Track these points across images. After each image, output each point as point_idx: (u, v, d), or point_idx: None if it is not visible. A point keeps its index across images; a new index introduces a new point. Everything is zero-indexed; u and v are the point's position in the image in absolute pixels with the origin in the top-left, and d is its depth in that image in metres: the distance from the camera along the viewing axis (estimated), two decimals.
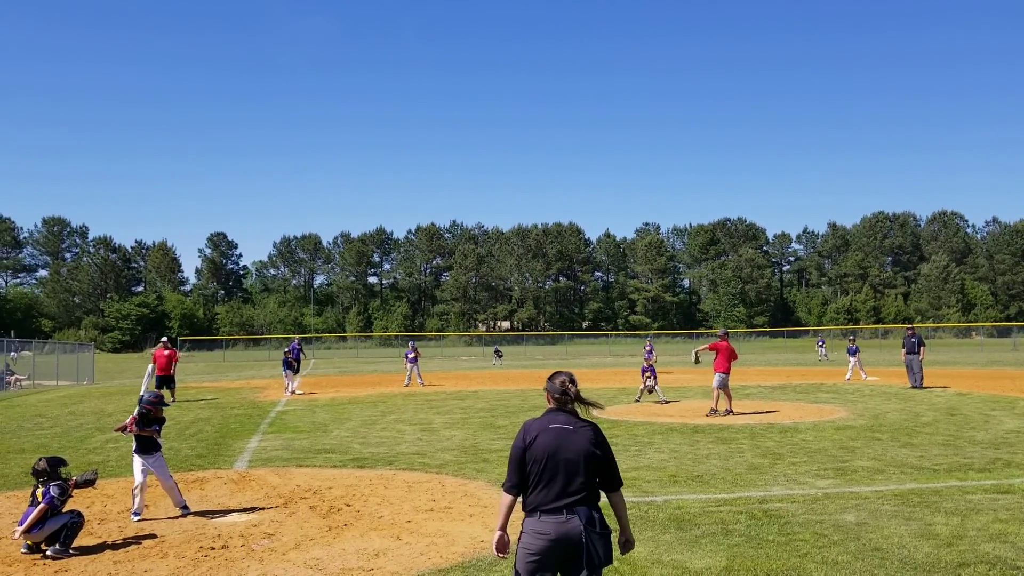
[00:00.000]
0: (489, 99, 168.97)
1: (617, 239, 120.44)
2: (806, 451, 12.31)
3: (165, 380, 22.70)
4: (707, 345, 17.72)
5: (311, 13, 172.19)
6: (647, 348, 36.17)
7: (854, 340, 30.54)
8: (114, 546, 7.51)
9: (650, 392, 20.87)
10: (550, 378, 4.55)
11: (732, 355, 17.46)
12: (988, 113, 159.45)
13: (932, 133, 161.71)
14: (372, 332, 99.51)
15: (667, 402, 20.30)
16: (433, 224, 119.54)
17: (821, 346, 49.87)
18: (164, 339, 24.26)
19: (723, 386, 17.26)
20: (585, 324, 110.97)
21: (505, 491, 4.40)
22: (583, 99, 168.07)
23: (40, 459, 7.84)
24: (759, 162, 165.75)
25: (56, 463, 7.77)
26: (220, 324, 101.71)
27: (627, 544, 4.49)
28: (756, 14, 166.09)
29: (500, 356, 49.16)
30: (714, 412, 17.21)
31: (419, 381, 27.99)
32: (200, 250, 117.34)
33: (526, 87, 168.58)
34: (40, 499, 7.40)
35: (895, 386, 24.39)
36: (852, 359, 28.86)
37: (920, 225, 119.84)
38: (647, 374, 20.95)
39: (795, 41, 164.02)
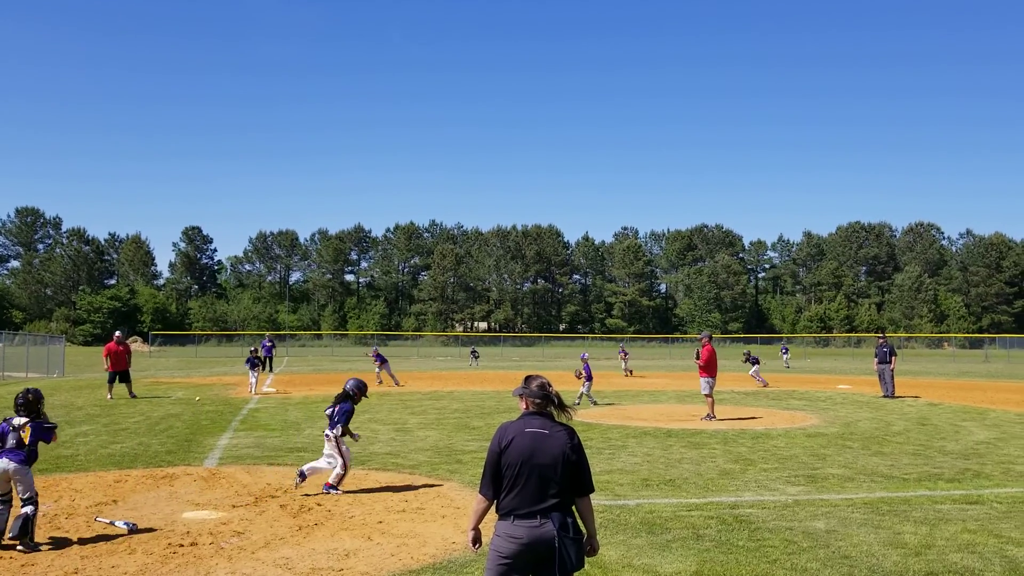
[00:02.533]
0: (471, 100, 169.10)
1: (596, 242, 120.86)
2: (777, 457, 12.38)
3: (120, 375, 22.34)
4: (704, 350, 17.49)
5: (294, 12, 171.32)
6: (620, 353, 36.02)
7: (749, 354, 31.13)
8: (81, 541, 7.41)
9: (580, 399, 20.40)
10: (525, 382, 4.53)
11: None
12: (965, 127, 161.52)
13: (909, 145, 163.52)
14: (347, 331, 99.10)
15: (595, 403, 20.31)
16: (412, 223, 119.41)
17: (785, 353, 49.95)
18: (118, 333, 23.77)
19: (711, 390, 17.33)
20: (562, 327, 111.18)
21: (480, 494, 4.39)
22: (565, 101, 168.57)
23: (29, 391, 7.52)
24: (737, 169, 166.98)
25: (40, 397, 7.56)
26: (193, 319, 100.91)
27: (592, 550, 4.47)
28: (736, 19, 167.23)
29: (476, 357, 49.08)
30: (710, 417, 17.13)
31: (394, 382, 27.76)
32: (174, 244, 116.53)
33: (509, 88, 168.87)
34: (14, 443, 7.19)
35: (867, 395, 24.59)
36: (753, 368, 29.37)
37: (895, 236, 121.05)
38: (581, 376, 20.61)
39: (774, 50, 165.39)
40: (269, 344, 37.93)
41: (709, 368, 17.28)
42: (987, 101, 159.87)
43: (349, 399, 9.92)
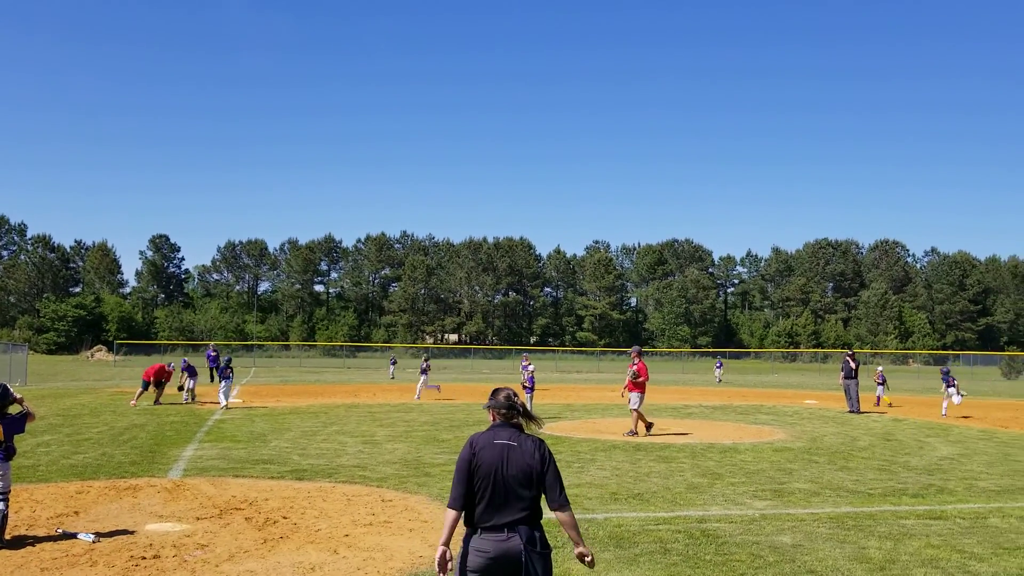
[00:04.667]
0: (443, 111, 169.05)
1: (567, 256, 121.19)
2: (745, 472, 12.45)
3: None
4: (636, 367, 17.23)
5: (265, 23, 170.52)
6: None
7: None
8: (42, 553, 7.27)
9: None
10: (492, 394, 4.52)
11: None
12: (930, 145, 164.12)
13: (875, 162, 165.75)
14: (316, 341, 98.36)
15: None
16: (383, 234, 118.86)
17: (719, 368, 49.94)
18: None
19: (639, 405, 17.20)
20: (533, 339, 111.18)
21: (449, 507, 4.35)
22: (538, 114, 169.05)
23: None
24: (707, 184, 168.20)
25: (5, 392, 7.45)
26: (159, 328, 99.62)
27: (582, 557, 4.38)
28: (705, 33, 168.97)
29: (395, 364, 47.37)
30: (633, 433, 16.96)
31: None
32: (141, 252, 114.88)
33: (481, 101, 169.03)
34: None
35: (833, 410, 24.83)
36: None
37: (861, 253, 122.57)
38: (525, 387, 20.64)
39: (744, 66, 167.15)
40: (213, 354, 36.39)
41: (641, 384, 17.22)
42: (952, 119, 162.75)
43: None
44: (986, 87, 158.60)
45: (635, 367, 17.15)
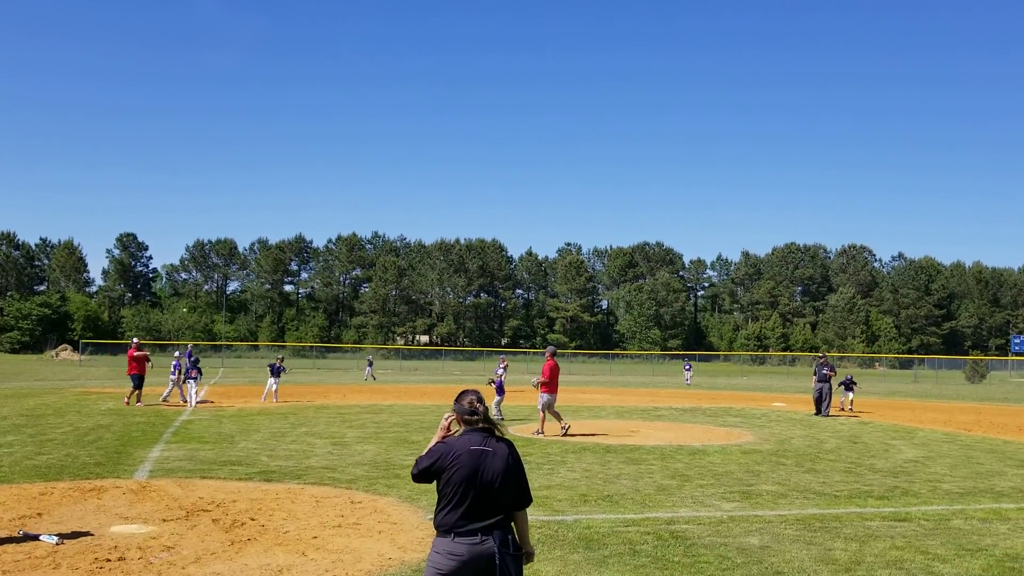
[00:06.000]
0: (415, 113, 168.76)
1: (539, 258, 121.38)
2: (713, 474, 12.54)
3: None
4: (545, 365, 17.59)
5: (235, 23, 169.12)
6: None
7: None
8: (3, 555, 7.15)
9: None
10: (457, 399, 4.50)
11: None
12: (897, 152, 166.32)
13: (843, 167, 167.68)
14: (285, 342, 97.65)
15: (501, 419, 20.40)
16: (355, 234, 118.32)
17: (688, 370, 50.26)
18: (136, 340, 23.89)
19: (550, 406, 17.44)
20: (504, 341, 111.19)
21: (415, 478, 4.36)
22: (510, 117, 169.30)
23: None
24: (679, 188, 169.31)
25: None
26: (126, 328, 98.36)
27: (528, 556, 4.43)
28: (676, 39, 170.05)
29: (371, 364, 47.06)
30: (539, 433, 17.20)
31: (274, 399, 25.44)
32: (108, 250, 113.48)
33: (454, 102, 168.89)
34: None
35: (801, 412, 25.07)
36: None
37: (829, 257, 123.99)
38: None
39: (715, 71, 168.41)
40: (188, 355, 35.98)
41: (550, 384, 17.41)
42: (918, 126, 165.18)
43: None
44: (952, 95, 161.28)
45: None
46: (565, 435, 17.11)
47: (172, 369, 24.36)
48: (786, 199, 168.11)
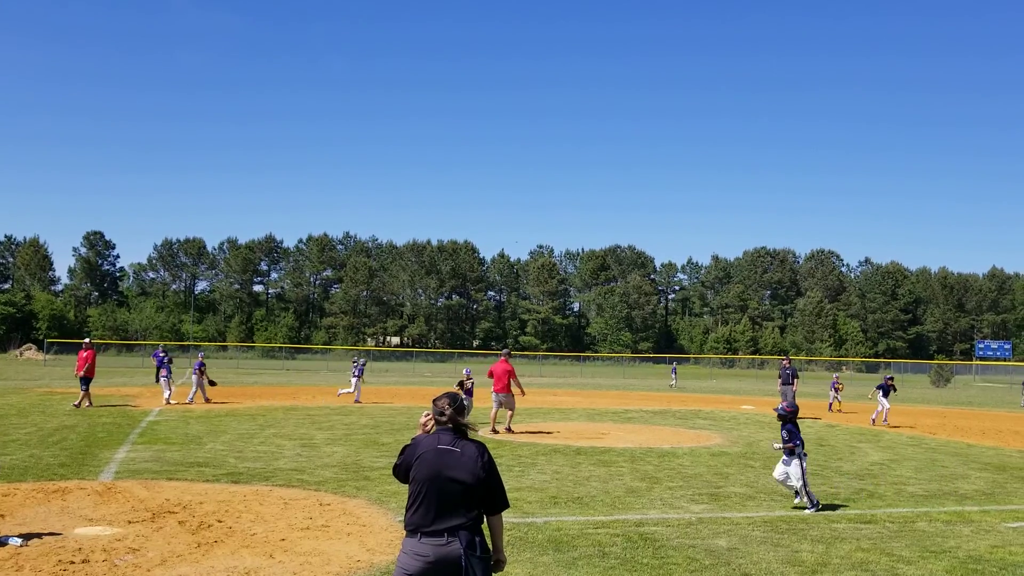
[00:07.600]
0: (388, 114, 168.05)
1: (511, 260, 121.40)
2: (683, 476, 12.61)
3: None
4: (495, 366, 18.89)
5: (206, 23, 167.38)
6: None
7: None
8: None
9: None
10: (435, 400, 4.53)
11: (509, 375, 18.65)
12: (864, 156, 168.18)
13: (812, 172, 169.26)
14: (254, 343, 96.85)
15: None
16: (325, 235, 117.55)
17: (673, 373, 50.62)
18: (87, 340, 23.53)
19: (503, 405, 18.52)
20: (476, 343, 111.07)
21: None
22: (482, 119, 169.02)
23: None
24: (650, 191, 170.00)
25: None
26: (92, 327, 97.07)
27: (498, 564, 4.45)
28: (646, 43, 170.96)
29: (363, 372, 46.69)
30: (495, 432, 18.03)
31: (204, 397, 24.83)
32: (75, 249, 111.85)
33: (426, 104, 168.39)
34: None
35: (769, 415, 25.27)
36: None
37: (798, 262, 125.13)
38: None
39: (684, 79, 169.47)
40: (161, 354, 35.88)
41: (499, 385, 18.51)
42: (885, 132, 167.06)
43: None
44: (919, 101, 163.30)
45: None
46: (495, 433, 17.90)
47: (193, 369, 24.58)
48: (756, 203, 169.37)
